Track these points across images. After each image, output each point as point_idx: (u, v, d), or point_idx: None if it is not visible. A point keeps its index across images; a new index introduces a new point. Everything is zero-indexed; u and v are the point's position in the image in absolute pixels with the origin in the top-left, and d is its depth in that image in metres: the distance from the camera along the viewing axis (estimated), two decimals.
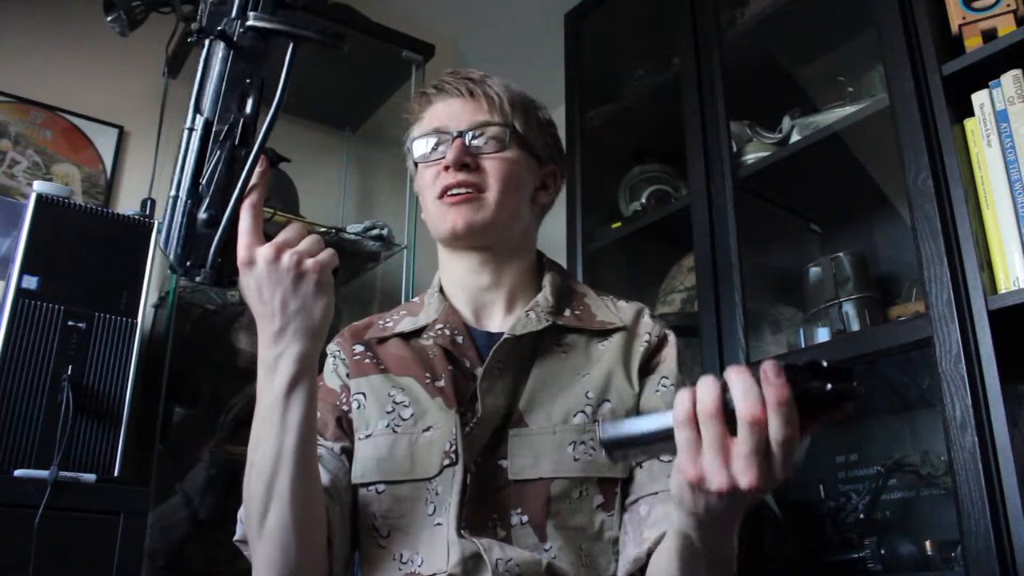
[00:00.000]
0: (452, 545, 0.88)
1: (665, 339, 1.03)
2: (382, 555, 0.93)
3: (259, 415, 0.82)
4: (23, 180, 2.09)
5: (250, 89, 0.78)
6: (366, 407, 1.00)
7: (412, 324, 1.05)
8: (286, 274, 0.77)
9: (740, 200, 1.65)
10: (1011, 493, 1.12)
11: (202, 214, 0.77)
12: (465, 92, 1.05)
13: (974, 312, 1.22)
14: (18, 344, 1.46)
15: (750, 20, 1.78)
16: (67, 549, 1.37)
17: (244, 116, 0.78)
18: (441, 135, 1.04)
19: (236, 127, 0.78)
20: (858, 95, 1.62)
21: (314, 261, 0.78)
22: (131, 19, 1.97)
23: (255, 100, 0.78)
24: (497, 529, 0.90)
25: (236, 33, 0.78)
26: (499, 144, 1.03)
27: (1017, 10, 1.31)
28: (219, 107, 0.78)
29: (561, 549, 0.89)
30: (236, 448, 1.82)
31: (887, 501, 1.49)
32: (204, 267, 0.78)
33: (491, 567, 0.86)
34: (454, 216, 1.00)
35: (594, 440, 0.93)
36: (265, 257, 0.77)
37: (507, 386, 0.96)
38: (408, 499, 0.93)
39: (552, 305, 1.02)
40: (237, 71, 0.78)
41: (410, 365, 1.01)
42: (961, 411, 1.18)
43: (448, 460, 0.92)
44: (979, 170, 1.28)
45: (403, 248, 2.26)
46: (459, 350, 1.00)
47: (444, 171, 1.01)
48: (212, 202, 0.78)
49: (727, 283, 1.60)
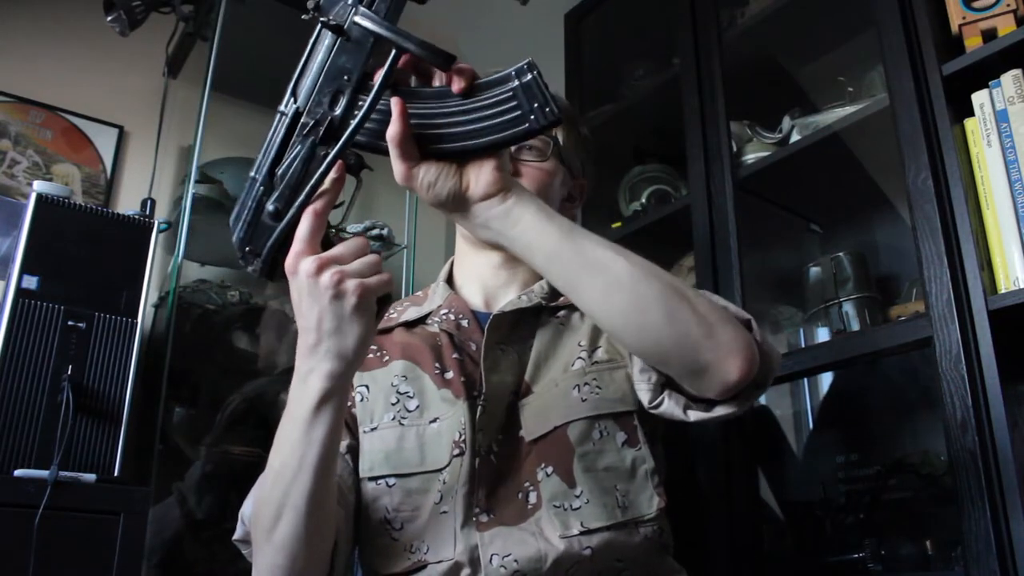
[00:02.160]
0: (458, 535, 0.89)
1: None
2: (395, 547, 0.94)
3: (286, 422, 0.80)
4: (23, 180, 2.09)
5: (346, 87, 0.73)
6: (370, 399, 1.00)
7: (417, 312, 1.07)
8: (324, 292, 0.72)
9: (740, 200, 1.65)
10: (1011, 493, 1.12)
11: (270, 205, 0.75)
12: None
13: (974, 312, 1.22)
14: (18, 344, 1.46)
15: (750, 20, 1.78)
16: (67, 549, 1.37)
17: (332, 115, 0.73)
18: None
19: (322, 124, 0.74)
20: (858, 95, 1.62)
21: (356, 283, 0.72)
22: (131, 19, 1.97)
23: (348, 100, 0.73)
24: (529, 496, 0.91)
25: (348, 22, 0.72)
26: (540, 155, 1.06)
27: (1017, 10, 1.31)
28: (312, 99, 0.74)
29: (592, 492, 0.90)
30: (233, 448, 1.82)
31: (887, 501, 1.49)
32: (259, 257, 0.76)
33: (483, 561, 0.87)
34: None
35: (598, 379, 0.96)
36: (307, 270, 0.72)
37: (513, 363, 0.98)
38: (419, 491, 0.94)
39: (547, 292, 1.05)
40: (338, 65, 0.73)
41: (416, 352, 1.02)
42: (961, 411, 1.18)
43: (458, 450, 0.93)
44: (979, 170, 1.28)
45: (403, 248, 2.26)
46: (464, 333, 1.02)
47: None
48: (281, 195, 0.75)
49: (727, 283, 1.60)
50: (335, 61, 0.73)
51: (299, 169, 0.74)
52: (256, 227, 0.76)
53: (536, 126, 0.72)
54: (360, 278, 0.73)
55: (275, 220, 0.75)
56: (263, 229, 0.76)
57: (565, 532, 0.89)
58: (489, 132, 0.73)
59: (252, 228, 0.76)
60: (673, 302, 0.80)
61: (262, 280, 0.81)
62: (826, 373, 1.71)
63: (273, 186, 0.75)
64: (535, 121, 0.72)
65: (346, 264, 0.74)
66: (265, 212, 0.75)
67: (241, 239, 0.77)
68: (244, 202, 0.77)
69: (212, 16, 2.08)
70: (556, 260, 0.79)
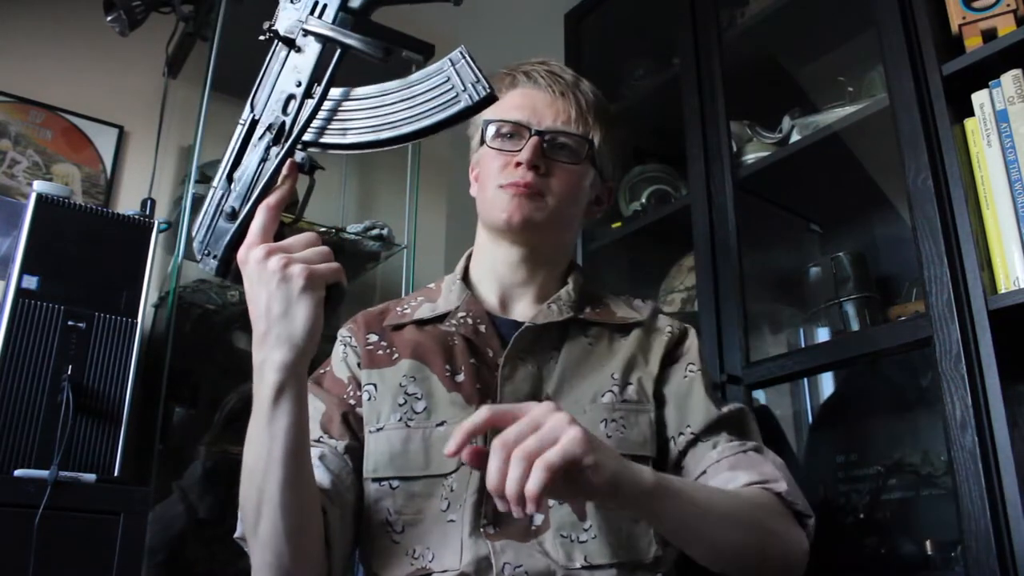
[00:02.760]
0: (466, 544, 0.88)
1: (687, 332, 1.07)
2: (395, 550, 0.92)
3: (251, 419, 0.80)
4: (23, 180, 2.09)
5: (297, 92, 0.77)
6: (377, 399, 0.99)
7: (431, 311, 1.05)
8: (272, 276, 0.74)
9: (740, 200, 1.65)
10: (1011, 493, 1.12)
11: (227, 207, 0.78)
12: (556, 92, 1.05)
13: (974, 312, 1.22)
14: (18, 344, 1.46)
15: (750, 20, 1.78)
16: (67, 549, 1.37)
17: (284, 118, 0.78)
18: (520, 128, 1.04)
19: (274, 127, 0.78)
20: (858, 95, 1.62)
21: (303, 267, 0.74)
22: (131, 19, 1.97)
23: (299, 103, 0.77)
24: (535, 517, 0.90)
25: (298, 34, 0.78)
26: (574, 156, 1.04)
27: (1017, 10, 1.31)
28: (267, 107, 0.79)
29: (600, 528, 0.90)
30: (232, 447, 1.82)
31: (887, 501, 1.49)
32: (216, 257, 0.79)
33: (495, 569, 0.86)
34: (513, 209, 1.01)
35: (624, 418, 0.96)
36: (256, 257, 0.74)
37: (531, 374, 0.97)
38: (422, 495, 0.93)
39: (574, 300, 1.04)
40: (290, 75, 0.78)
41: (427, 352, 1.00)
42: (961, 411, 1.18)
43: None
44: (979, 170, 1.28)
45: (403, 248, 2.26)
46: (481, 340, 1.00)
47: (515, 166, 1.01)
48: (237, 196, 0.78)
49: (727, 283, 1.60)
50: (287, 70, 0.78)
51: (253, 170, 0.78)
52: (215, 230, 0.79)
53: (471, 103, 0.75)
54: (307, 264, 0.75)
55: (231, 220, 0.78)
56: (221, 231, 0.79)
57: (569, 564, 0.88)
58: (429, 115, 0.76)
59: (211, 231, 0.79)
60: (748, 549, 0.85)
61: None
62: (826, 373, 1.71)
63: (231, 190, 0.79)
64: (469, 98, 0.75)
65: (295, 252, 0.75)
66: (222, 214, 0.79)
67: (201, 242, 0.80)
68: (206, 209, 0.80)
69: (212, 16, 2.08)
70: (688, 522, 0.82)
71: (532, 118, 1.03)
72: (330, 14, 0.77)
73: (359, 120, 0.77)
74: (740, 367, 1.53)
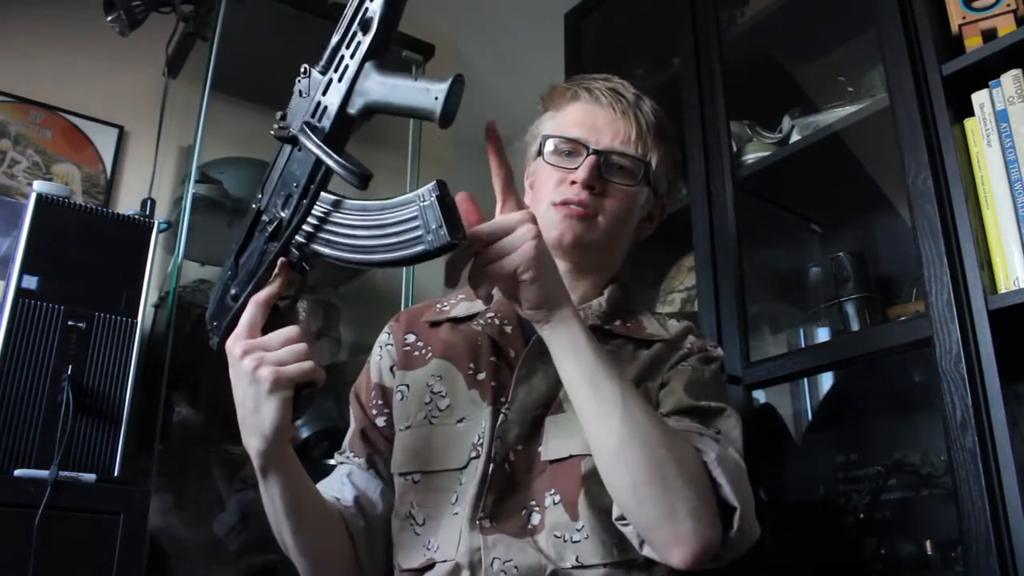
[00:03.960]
0: (463, 535, 0.90)
1: (704, 348, 1.04)
2: (416, 542, 0.95)
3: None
4: (23, 180, 2.09)
5: (295, 192, 0.81)
6: (408, 399, 1.02)
7: (467, 309, 1.07)
8: (244, 374, 0.79)
9: (740, 200, 1.65)
10: (1011, 493, 1.12)
11: (232, 289, 0.85)
12: (617, 111, 1.05)
13: (974, 312, 1.22)
14: (18, 344, 1.46)
15: (750, 20, 1.78)
16: (67, 549, 1.37)
17: (280, 216, 0.82)
18: (578, 146, 1.03)
19: (273, 222, 0.82)
20: (858, 95, 1.62)
21: (271, 370, 0.78)
22: (131, 19, 1.97)
23: (295, 204, 0.81)
24: (532, 516, 0.91)
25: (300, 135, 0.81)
26: (630, 178, 1.04)
27: (1017, 10, 1.31)
28: (270, 199, 0.83)
29: (593, 528, 0.90)
30: (232, 447, 1.82)
31: (887, 501, 1.49)
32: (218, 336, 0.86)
33: (485, 564, 0.88)
34: (565, 228, 1.01)
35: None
36: (234, 354, 0.80)
37: (548, 376, 0.97)
38: (440, 489, 0.96)
39: (604, 311, 1.04)
40: (292, 171, 0.81)
41: (456, 351, 1.02)
42: (961, 411, 1.18)
43: (475, 452, 0.94)
44: (979, 170, 1.28)
45: None
46: (505, 340, 1.01)
47: (570, 184, 1.01)
48: (239, 282, 0.85)
49: (727, 283, 1.60)
50: (290, 167, 0.82)
51: (254, 261, 0.84)
52: (222, 307, 0.86)
53: (431, 248, 0.76)
54: (279, 366, 0.79)
55: (233, 302, 0.85)
56: (225, 309, 0.86)
57: (560, 563, 0.88)
58: (395, 249, 0.78)
59: (219, 307, 0.87)
60: (648, 474, 0.81)
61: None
62: (826, 373, 1.71)
63: (237, 273, 0.85)
64: (431, 243, 0.76)
65: (271, 351, 0.80)
66: (228, 294, 0.86)
67: (211, 315, 0.87)
68: (217, 286, 0.87)
69: (212, 16, 2.08)
70: (574, 391, 0.85)
71: (591, 136, 1.03)
72: (327, 121, 0.79)
73: (341, 236, 0.81)
74: (740, 367, 1.53)
